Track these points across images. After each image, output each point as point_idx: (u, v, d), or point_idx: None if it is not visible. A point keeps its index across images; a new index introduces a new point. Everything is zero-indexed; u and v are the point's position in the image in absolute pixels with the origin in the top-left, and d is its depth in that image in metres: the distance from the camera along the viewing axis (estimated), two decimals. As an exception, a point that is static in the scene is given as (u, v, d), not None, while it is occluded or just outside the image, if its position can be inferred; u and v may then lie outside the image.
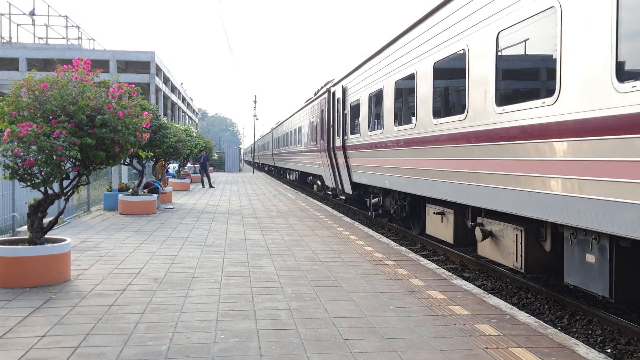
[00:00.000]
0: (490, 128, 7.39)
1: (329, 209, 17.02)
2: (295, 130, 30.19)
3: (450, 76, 9.08)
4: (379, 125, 12.67)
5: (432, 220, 10.36)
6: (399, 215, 12.79)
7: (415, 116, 10.20)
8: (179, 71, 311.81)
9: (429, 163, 9.58)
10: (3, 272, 6.46)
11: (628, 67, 5.10)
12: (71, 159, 6.82)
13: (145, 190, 15.90)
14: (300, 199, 20.72)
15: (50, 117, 6.68)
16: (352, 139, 15.42)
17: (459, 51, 8.31)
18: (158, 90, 44.93)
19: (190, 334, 4.89)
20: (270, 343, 4.66)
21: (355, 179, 15.50)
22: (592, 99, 5.44)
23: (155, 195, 15.70)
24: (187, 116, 71.35)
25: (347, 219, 14.09)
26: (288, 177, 39.62)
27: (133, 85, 7.86)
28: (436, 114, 9.35)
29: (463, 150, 8.24)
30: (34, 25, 42.52)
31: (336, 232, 11.48)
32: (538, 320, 5.49)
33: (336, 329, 5.07)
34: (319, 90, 22.47)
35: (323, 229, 11.96)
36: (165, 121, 17.13)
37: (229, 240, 10.30)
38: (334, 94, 18.21)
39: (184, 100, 66.44)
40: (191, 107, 77.01)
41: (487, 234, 8.14)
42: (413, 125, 10.34)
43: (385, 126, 12.12)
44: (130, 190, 15.30)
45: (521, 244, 7.24)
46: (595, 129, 5.41)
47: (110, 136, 6.90)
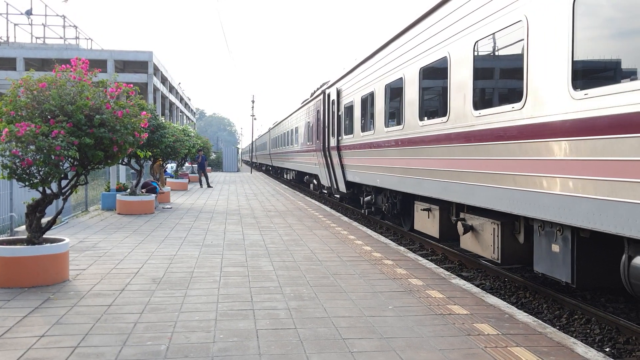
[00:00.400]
0: (468, 130, 8.00)
1: (327, 208, 17.02)
2: (292, 130, 30.53)
3: (435, 81, 9.62)
4: (371, 126, 13.26)
5: (420, 217, 10.93)
6: (390, 213, 13.35)
7: (403, 118, 10.78)
8: (177, 71, 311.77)
9: (416, 162, 10.18)
10: (1, 272, 6.45)
11: (581, 78, 5.77)
12: (69, 159, 6.80)
13: (143, 190, 15.89)
14: (298, 198, 20.71)
15: (49, 117, 6.67)
16: (346, 140, 15.92)
17: (442, 58, 8.88)
18: (156, 90, 44.90)
19: (189, 333, 4.88)
20: (269, 343, 4.66)
21: (349, 178, 16.03)
22: (553, 105, 6.05)
23: (153, 195, 15.68)
24: (185, 116, 71.30)
25: (346, 219, 14.10)
26: (285, 177, 39.88)
27: (131, 85, 7.85)
28: (422, 116, 9.94)
29: (445, 150, 8.85)
30: (31, 25, 42.46)
31: (335, 232, 11.49)
32: (537, 319, 5.50)
33: (335, 328, 5.07)
34: (315, 92, 22.88)
35: (321, 229, 11.96)
36: (163, 121, 17.12)
37: (227, 240, 10.29)
38: (328, 95, 18.71)
39: (181, 100, 66.39)
40: (189, 107, 76.97)
41: (468, 228, 8.69)
42: (401, 126, 10.92)
43: (376, 127, 12.70)
44: (128, 190, 15.29)
45: (498, 237, 7.80)
46: (555, 132, 6.03)
47: (108, 136, 6.89)
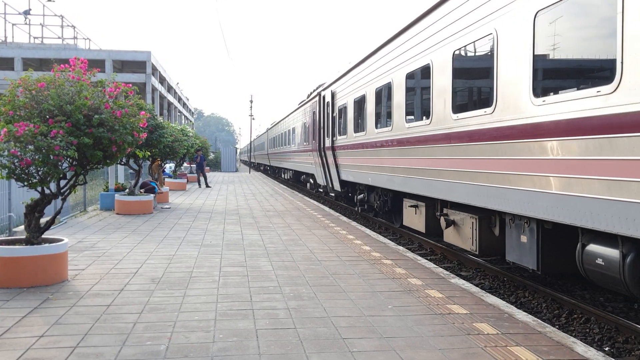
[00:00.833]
0: (448, 132, 8.69)
1: (326, 208, 17.02)
2: (289, 131, 31.02)
3: (420, 86, 10.22)
4: (363, 127, 13.90)
5: (408, 213, 11.66)
6: (382, 210, 14.04)
7: (392, 120, 11.52)
8: (175, 71, 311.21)
9: (404, 162, 10.89)
10: (0, 272, 6.43)
11: (540, 86, 6.47)
12: (68, 159, 6.79)
13: (141, 190, 15.87)
14: (297, 198, 20.71)
15: (47, 117, 6.65)
16: (340, 140, 16.60)
17: (425, 65, 9.60)
18: (154, 90, 44.89)
19: (189, 333, 4.88)
20: (269, 342, 4.66)
21: (343, 177, 16.77)
22: (517, 110, 6.79)
23: (151, 195, 15.67)
24: (183, 116, 71.28)
25: (345, 218, 14.10)
26: (283, 176, 40.22)
27: (130, 85, 7.84)
28: (408, 118, 10.63)
29: (428, 150, 9.55)
30: (29, 25, 42.41)
31: (333, 232, 11.48)
32: (536, 319, 5.50)
33: (335, 328, 5.06)
34: (311, 93, 23.51)
35: (320, 229, 11.96)
36: (162, 121, 17.10)
37: (226, 240, 10.29)
38: (324, 97, 19.38)
39: (180, 99, 66.36)
40: (187, 107, 76.95)
41: (450, 223, 9.39)
42: (390, 128, 11.64)
43: (368, 129, 13.39)
44: (127, 190, 15.27)
45: (476, 230, 8.47)
46: (519, 133, 6.74)
47: (107, 136, 6.88)
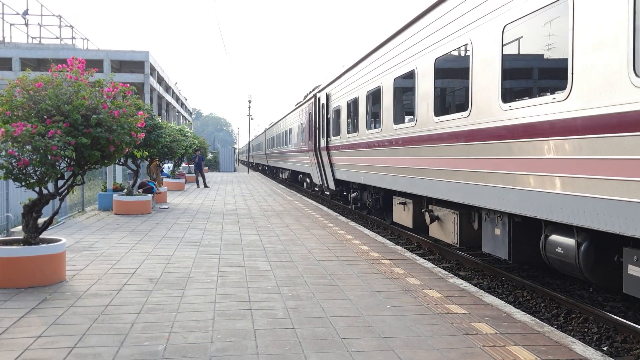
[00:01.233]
0: (430, 133, 9.37)
1: (325, 208, 17.02)
2: (286, 131, 31.59)
3: (406, 90, 10.85)
4: (355, 128, 14.64)
5: (398, 210, 12.29)
6: (373, 207, 14.74)
7: (381, 122, 12.21)
8: (173, 71, 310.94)
9: (392, 161, 11.55)
10: (-2, 273, 6.42)
11: (508, 92, 7.16)
12: (66, 159, 6.78)
13: (140, 190, 15.85)
14: (295, 198, 20.71)
15: (45, 117, 6.64)
16: (335, 140, 17.28)
17: (410, 71, 10.30)
18: (152, 90, 44.84)
19: (187, 333, 4.87)
20: (267, 342, 4.65)
21: (338, 176, 17.47)
22: (489, 114, 7.46)
23: (150, 195, 15.66)
24: (182, 116, 71.22)
25: (343, 218, 14.10)
26: (281, 176, 40.64)
27: (128, 85, 7.83)
28: (396, 120, 11.34)
29: (414, 150, 10.23)
30: (27, 25, 42.31)
31: (332, 232, 11.48)
32: (534, 318, 5.50)
33: (333, 328, 5.06)
34: (307, 95, 24.14)
35: (319, 228, 11.96)
36: (160, 121, 17.09)
37: (224, 240, 10.28)
38: (319, 99, 20.03)
39: (178, 99, 66.30)
40: (185, 107, 76.87)
41: (435, 218, 10.06)
42: (380, 129, 12.34)
43: (360, 130, 14.11)
44: (125, 190, 15.25)
45: (457, 224, 9.12)
46: (490, 135, 7.43)
47: (105, 136, 6.87)
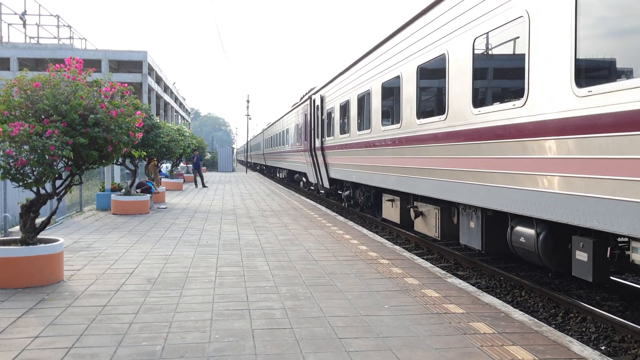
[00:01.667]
0: (414, 135, 10.12)
1: (323, 208, 17.01)
2: (283, 132, 32.28)
3: (393, 94, 11.55)
4: (347, 130, 15.37)
5: (386, 207, 13.10)
6: (365, 205, 15.55)
7: (371, 123, 12.99)
8: (172, 71, 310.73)
9: (381, 161, 12.27)
10: (-5, 273, 6.41)
11: (478, 99, 7.89)
12: (64, 159, 6.76)
13: (138, 190, 15.83)
14: (293, 198, 20.70)
15: (43, 117, 6.63)
16: (328, 141, 18.04)
17: (396, 76, 11.07)
18: (150, 89, 44.80)
19: (185, 333, 4.86)
20: (265, 342, 4.65)
21: (332, 175, 18.21)
22: (462, 117, 8.18)
23: (148, 195, 15.64)
24: (180, 116, 71.16)
25: (341, 218, 14.10)
26: (278, 175, 41.08)
27: (126, 85, 7.81)
28: (384, 122, 12.10)
29: (399, 150, 11.00)
30: (25, 25, 42.24)
31: (330, 231, 11.48)
32: (532, 318, 5.51)
33: (331, 328, 5.06)
34: (303, 96, 24.93)
35: (317, 228, 11.95)
36: (158, 121, 17.06)
37: (222, 240, 10.27)
38: (314, 101, 20.82)
39: (176, 99, 66.25)
40: (184, 107, 76.82)
41: (419, 214, 10.84)
42: (369, 130, 13.09)
43: (351, 131, 14.86)
44: (123, 190, 15.23)
45: (438, 219, 9.85)
46: (463, 136, 8.16)
47: (103, 135, 6.86)
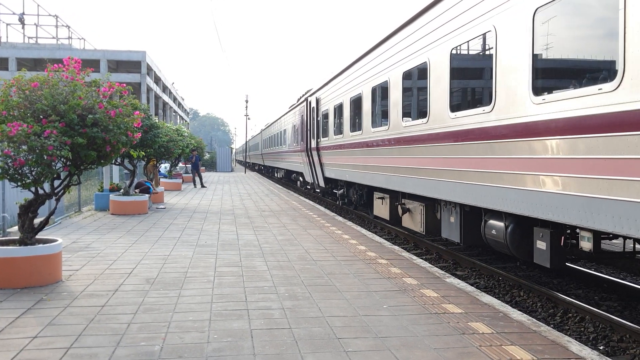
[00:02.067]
0: (400, 136, 10.79)
1: (322, 208, 17.01)
2: (281, 132, 32.96)
3: (382, 98, 12.17)
4: (341, 131, 16.01)
5: (377, 204, 13.69)
6: (358, 203, 16.20)
7: (362, 125, 13.63)
8: (170, 71, 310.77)
9: (372, 160, 12.90)
10: (-7, 273, 6.40)
11: (455, 104, 8.59)
12: (62, 159, 6.76)
13: (136, 190, 15.82)
14: (292, 198, 20.70)
15: (41, 117, 6.62)
16: (324, 141, 18.69)
17: (384, 81, 11.74)
18: (149, 89, 44.79)
19: (184, 334, 4.86)
20: (263, 342, 4.65)
21: (327, 174, 18.84)
22: (441, 121, 8.86)
23: (146, 195, 15.62)
24: (179, 116, 71.15)
25: (340, 218, 14.10)
26: (276, 175, 41.46)
27: (124, 85, 7.81)
28: (374, 124, 12.72)
29: (387, 150, 11.63)
30: (23, 25, 42.22)
31: (329, 231, 11.48)
32: (531, 318, 5.51)
33: (330, 328, 5.06)
34: (300, 98, 25.50)
35: (316, 228, 11.95)
36: (157, 121, 17.05)
37: (221, 240, 10.27)
38: (310, 102, 21.48)
39: (175, 99, 66.23)
40: (182, 107, 76.80)
41: (406, 210, 11.46)
42: (361, 132, 13.75)
43: (345, 132, 15.49)
44: (122, 190, 15.22)
45: (423, 215, 10.49)
46: (442, 138, 8.84)
47: (101, 136, 6.85)
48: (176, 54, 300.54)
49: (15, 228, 8.87)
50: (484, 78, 7.71)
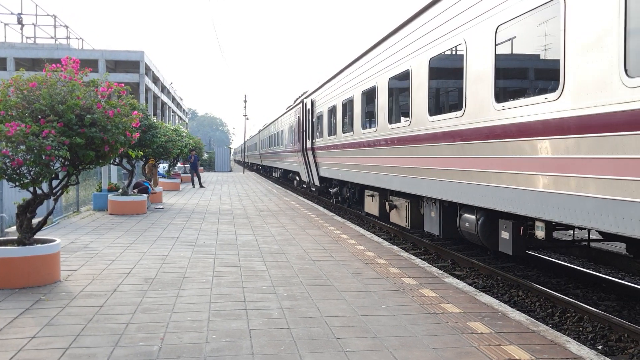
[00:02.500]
0: (386, 137, 11.50)
1: (320, 207, 17.01)
2: (278, 133, 33.63)
3: (370, 101, 12.89)
4: (334, 132, 16.71)
5: (368, 202, 14.35)
6: (351, 201, 16.84)
7: (353, 127, 14.39)
8: (169, 71, 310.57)
9: (362, 160, 13.61)
10: (-8, 273, 6.39)
11: (433, 108, 9.34)
12: (60, 159, 6.74)
13: (135, 190, 15.80)
14: (291, 198, 20.69)
15: (39, 117, 6.61)
16: (318, 142, 19.41)
17: (373, 86, 12.45)
18: (147, 89, 44.76)
19: (182, 334, 4.86)
20: (262, 343, 4.64)
21: (321, 173, 19.51)
22: (422, 123, 9.47)
23: (145, 195, 15.60)
24: (177, 116, 71.10)
25: (339, 218, 14.10)
26: (274, 175, 41.92)
27: (123, 85, 7.80)
28: (363, 125, 13.50)
29: (376, 151, 12.32)
30: (21, 24, 42.16)
31: (328, 231, 11.48)
32: (529, 317, 5.51)
33: (328, 328, 5.05)
34: (296, 99, 26.11)
35: (314, 228, 11.95)
36: (155, 121, 17.03)
37: (220, 240, 10.26)
38: (305, 104, 22.21)
39: (173, 99, 66.20)
40: (181, 107, 76.77)
41: (393, 207, 12.17)
42: (352, 133, 14.47)
43: (337, 133, 16.25)
44: (120, 190, 15.20)
45: (408, 211, 11.22)
46: (422, 139, 9.49)
47: (99, 135, 6.84)
48: (174, 54, 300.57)
49: (14, 228, 8.85)
50: (457, 86, 8.44)
